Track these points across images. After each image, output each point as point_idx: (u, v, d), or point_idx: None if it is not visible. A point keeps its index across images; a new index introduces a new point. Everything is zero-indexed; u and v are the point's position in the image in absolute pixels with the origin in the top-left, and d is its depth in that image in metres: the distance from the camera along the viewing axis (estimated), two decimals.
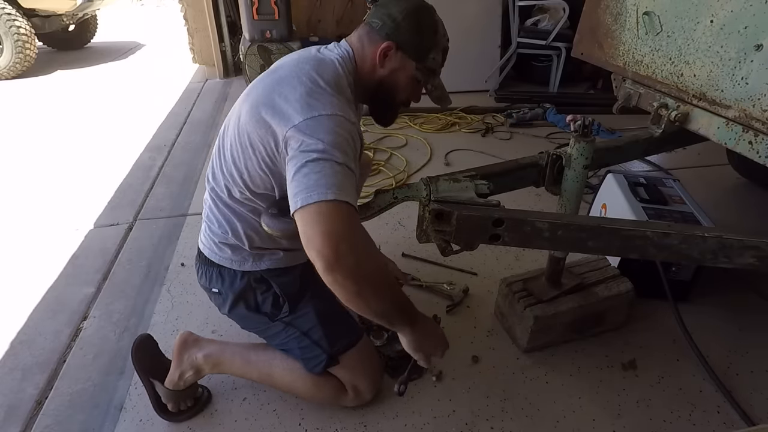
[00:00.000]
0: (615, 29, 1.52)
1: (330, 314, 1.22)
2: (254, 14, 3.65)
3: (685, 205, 1.68)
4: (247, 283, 1.18)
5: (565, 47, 3.70)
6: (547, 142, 3.07)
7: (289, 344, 1.22)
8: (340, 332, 1.22)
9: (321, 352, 1.18)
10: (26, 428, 1.29)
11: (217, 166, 1.12)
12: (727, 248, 1.00)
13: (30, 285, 1.84)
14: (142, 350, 1.29)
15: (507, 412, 1.28)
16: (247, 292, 1.19)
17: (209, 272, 1.21)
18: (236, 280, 1.18)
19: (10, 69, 5.00)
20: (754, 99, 1.08)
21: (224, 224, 1.14)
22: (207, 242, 1.21)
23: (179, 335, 1.29)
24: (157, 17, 9.70)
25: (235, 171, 1.06)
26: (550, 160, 1.21)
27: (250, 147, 1.01)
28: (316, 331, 1.18)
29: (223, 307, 1.24)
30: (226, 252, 1.16)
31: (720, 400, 1.31)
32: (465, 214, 1.00)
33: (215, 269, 1.19)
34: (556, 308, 1.41)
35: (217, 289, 1.21)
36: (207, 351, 1.26)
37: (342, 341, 1.21)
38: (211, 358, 1.26)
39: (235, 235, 1.14)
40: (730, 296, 1.69)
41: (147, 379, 1.28)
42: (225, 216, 1.14)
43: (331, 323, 1.21)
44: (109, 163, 2.96)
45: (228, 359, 1.27)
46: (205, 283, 1.24)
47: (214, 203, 1.16)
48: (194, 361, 1.25)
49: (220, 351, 1.27)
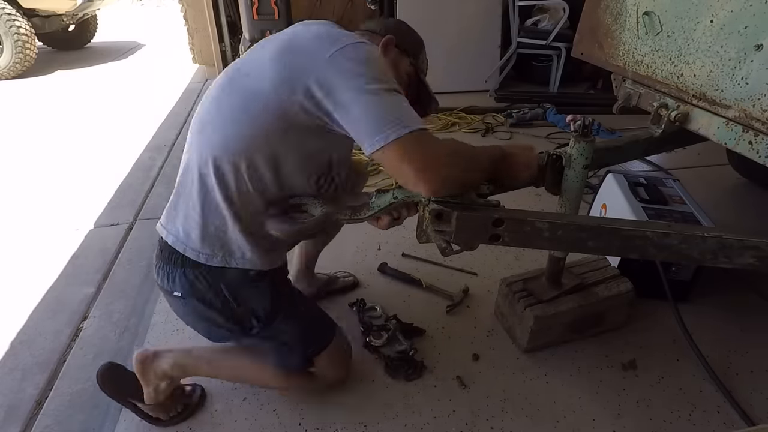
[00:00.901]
0: (615, 29, 1.52)
1: (306, 319, 1.21)
2: (254, 14, 3.65)
3: (685, 205, 1.68)
4: (217, 289, 1.06)
5: (565, 47, 3.70)
6: (547, 142, 3.07)
7: (265, 352, 1.21)
8: (317, 335, 1.22)
9: (297, 358, 1.20)
10: (26, 428, 1.29)
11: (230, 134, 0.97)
12: (727, 248, 1.00)
13: (30, 285, 1.85)
14: (108, 378, 1.22)
15: (507, 412, 1.29)
16: (217, 298, 1.06)
17: (172, 272, 1.06)
18: (205, 282, 1.05)
19: (10, 69, 5.01)
20: (754, 99, 1.08)
21: (214, 207, 1.01)
22: (172, 228, 1.06)
23: (135, 357, 1.22)
24: (157, 17, 9.70)
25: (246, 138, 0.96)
26: (550, 160, 1.21)
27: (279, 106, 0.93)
28: (294, 340, 1.18)
29: (190, 317, 1.14)
30: (194, 243, 1.03)
31: (720, 400, 1.31)
32: (465, 214, 0.99)
33: (178, 269, 1.05)
34: (556, 308, 1.41)
35: (180, 293, 1.07)
36: (171, 361, 1.21)
37: (320, 343, 1.21)
38: (177, 367, 1.22)
39: (222, 217, 1.01)
40: (730, 296, 1.69)
41: (127, 402, 1.24)
42: (215, 199, 1.00)
43: (309, 328, 1.21)
44: (109, 163, 2.96)
45: (192, 365, 1.25)
46: (166, 284, 1.09)
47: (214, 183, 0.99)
48: (162, 373, 1.21)
49: (184, 358, 1.23)
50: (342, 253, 1.91)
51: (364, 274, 1.81)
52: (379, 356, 1.44)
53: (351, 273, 1.79)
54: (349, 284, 1.74)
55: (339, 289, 1.71)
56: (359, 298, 1.65)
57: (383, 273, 1.82)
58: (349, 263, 1.86)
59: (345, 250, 1.93)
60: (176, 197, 1.08)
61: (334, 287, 1.71)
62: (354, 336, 1.48)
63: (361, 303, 1.63)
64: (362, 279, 1.79)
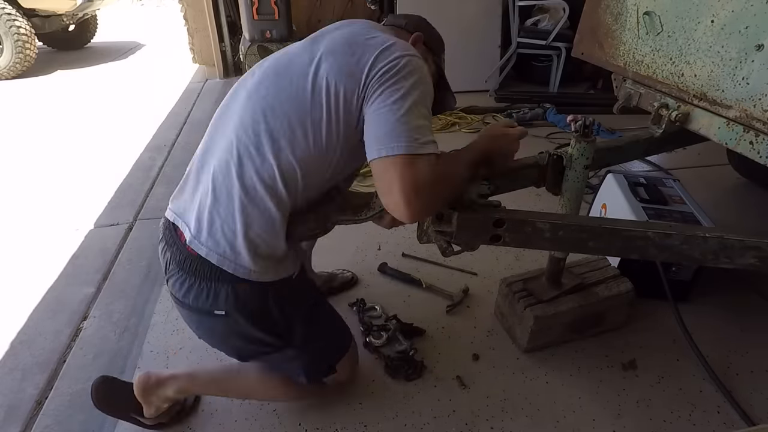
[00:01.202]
0: (615, 29, 1.51)
1: (334, 325, 1.21)
2: (254, 14, 3.65)
3: (685, 205, 1.68)
4: (266, 302, 1.02)
5: (565, 47, 3.70)
6: (547, 142, 3.07)
7: (291, 363, 1.13)
8: (340, 340, 1.22)
9: (323, 365, 1.18)
10: (26, 428, 1.29)
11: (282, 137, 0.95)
12: (729, 249, 1.00)
13: (30, 285, 1.84)
14: (103, 395, 1.18)
15: (507, 412, 1.28)
16: (267, 312, 1.03)
17: (215, 289, 0.98)
18: (257, 296, 1.01)
19: (10, 69, 5.00)
20: (755, 99, 1.08)
21: (257, 219, 0.96)
22: (215, 246, 0.96)
23: (136, 380, 1.17)
24: (157, 17, 9.69)
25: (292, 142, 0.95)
26: (550, 160, 1.21)
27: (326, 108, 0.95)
28: (326, 348, 1.17)
29: (225, 336, 1.08)
30: (245, 261, 0.96)
31: (720, 400, 1.31)
32: (466, 215, 1.00)
33: (225, 285, 0.98)
34: (556, 308, 1.41)
35: (224, 311, 1.00)
36: (176, 387, 1.17)
37: (342, 347, 1.21)
38: (182, 392, 1.20)
39: (272, 230, 0.98)
40: (731, 296, 1.69)
41: (127, 417, 1.21)
42: (257, 210, 0.96)
43: (335, 334, 1.21)
44: (109, 163, 2.96)
45: (200, 389, 1.25)
46: (204, 303, 1.00)
47: (257, 191, 0.95)
48: (165, 397, 1.19)
49: (189, 383, 1.20)
50: (342, 253, 1.91)
51: (364, 274, 1.81)
52: (379, 356, 1.44)
53: (349, 270, 1.79)
54: (348, 280, 1.74)
55: (338, 286, 1.72)
56: (359, 298, 1.65)
57: (383, 273, 1.82)
58: (349, 263, 1.86)
59: (345, 249, 1.93)
60: (213, 207, 0.97)
61: (333, 284, 1.71)
62: (354, 336, 1.47)
63: (361, 303, 1.62)
64: (362, 279, 1.79)
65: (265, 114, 0.97)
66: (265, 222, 0.97)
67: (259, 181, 0.95)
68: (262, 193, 0.95)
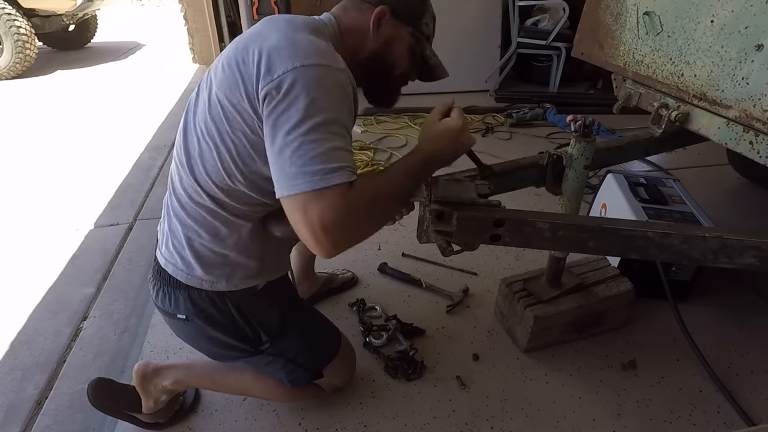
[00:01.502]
0: (615, 29, 1.52)
1: (313, 332, 1.18)
2: (254, 14, 3.64)
3: (685, 205, 1.68)
4: (222, 309, 1.02)
5: (565, 47, 3.70)
6: (547, 142, 3.07)
7: (273, 371, 1.14)
8: (324, 347, 1.19)
9: (305, 372, 1.15)
10: (26, 428, 1.29)
11: (195, 155, 0.92)
12: (728, 248, 1.00)
13: (30, 285, 1.84)
14: (101, 395, 1.19)
15: (507, 412, 1.28)
16: (223, 318, 1.03)
17: (174, 295, 1.01)
18: (211, 303, 1.01)
19: (10, 69, 5.01)
20: (755, 99, 1.08)
21: (198, 229, 0.96)
22: (170, 256, 1.01)
23: (135, 369, 1.20)
24: (157, 17, 9.70)
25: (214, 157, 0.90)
26: (550, 160, 1.21)
27: (225, 118, 0.86)
28: (302, 355, 1.13)
29: (194, 339, 1.10)
30: (196, 271, 0.98)
31: (720, 400, 1.31)
32: (466, 214, 0.99)
33: (182, 292, 1.01)
34: (556, 308, 1.41)
35: (185, 315, 1.03)
36: (173, 378, 1.19)
37: (327, 355, 1.19)
38: (179, 383, 1.21)
39: (214, 241, 0.97)
40: (730, 296, 1.69)
41: (124, 415, 1.22)
42: (200, 219, 0.96)
43: (316, 341, 1.17)
44: (109, 163, 2.96)
45: (195, 381, 1.24)
46: (168, 307, 1.03)
47: (189, 204, 0.96)
48: (163, 388, 1.20)
49: (186, 375, 1.21)
50: (342, 253, 1.91)
51: (364, 274, 1.81)
52: (379, 356, 1.44)
53: (349, 270, 1.79)
54: (348, 279, 1.74)
55: (339, 286, 1.71)
56: (359, 298, 1.65)
57: (383, 273, 1.82)
58: (349, 263, 1.86)
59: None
60: (165, 221, 1.02)
61: (333, 285, 1.70)
62: (354, 336, 1.48)
63: (361, 303, 1.63)
64: (362, 279, 1.79)
65: (186, 130, 0.97)
66: (206, 232, 0.96)
67: (184, 194, 0.96)
68: (194, 205, 0.95)
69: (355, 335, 1.50)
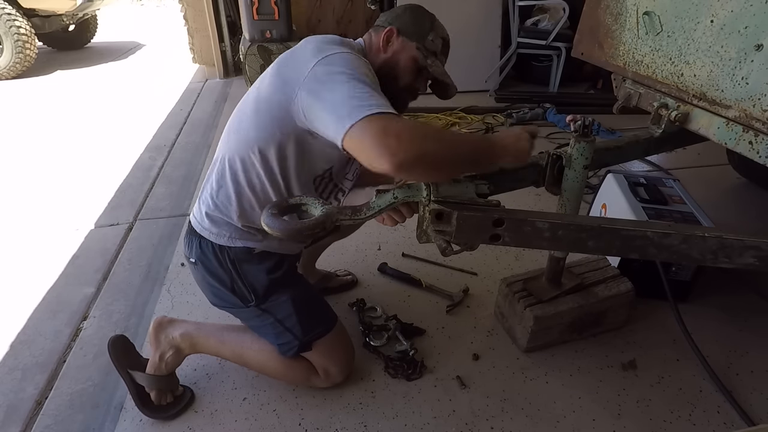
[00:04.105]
0: (615, 29, 1.52)
1: (306, 302, 1.25)
2: (254, 14, 3.65)
3: (685, 205, 1.68)
4: (222, 261, 1.19)
5: (565, 47, 3.70)
6: (547, 142, 3.07)
7: (263, 329, 1.25)
8: (315, 320, 1.25)
9: (293, 339, 1.22)
10: (26, 428, 1.29)
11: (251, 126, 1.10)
12: (728, 248, 1.00)
13: (30, 285, 1.84)
14: (118, 346, 1.32)
15: (507, 412, 1.28)
16: (221, 269, 1.19)
17: (192, 241, 1.23)
18: (213, 254, 1.19)
19: (10, 69, 5.01)
20: (755, 99, 1.08)
21: (227, 192, 1.15)
22: (196, 207, 1.24)
23: (153, 320, 1.34)
24: (157, 17, 9.71)
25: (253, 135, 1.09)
26: (550, 160, 1.21)
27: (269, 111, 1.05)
28: (291, 319, 1.21)
29: (200, 282, 1.28)
30: (206, 223, 1.18)
31: (720, 400, 1.31)
32: (465, 214, 0.99)
33: (197, 239, 1.21)
34: (556, 308, 1.41)
35: (194, 259, 1.23)
36: (183, 330, 1.30)
37: (317, 329, 1.24)
38: (187, 336, 1.29)
39: (229, 205, 1.15)
40: (730, 296, 1.69)
41: (125, 371, 1.29)
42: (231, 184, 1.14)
43: (306, 311, 1.24)
44: (109, 163, 2.96)
45: (203, 338, 1.31)
46: (186, 251, 1.26)
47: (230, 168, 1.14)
48: (172, 340, 1.29)
49: (195, 330, 1.31)
50: (342, 253, 1.91)
51: (364, 274, 1.81)
52: (379, 356, 1.44)
53: (350, 272, 1.79)
54: (347, 282, 1.74)
55: (336, 287, 1.72)
56: (359, 298, 1.65)
57: (383, 273, 1.82)
58: (349, 263, 1.86)
59: (345, 249, 1.93)
60: (205, 183, 1.23)
61: (330, 284, 1.71)
62: (354, 336, 1.48)
63: (361, 303, 1.63)
64: (362, 279, 1.79)
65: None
66: (225, 197, 1.15)
67: (229, 164, 1.13)
68: (230, 174, 1.13)
69: (355, 335, 1.50)
